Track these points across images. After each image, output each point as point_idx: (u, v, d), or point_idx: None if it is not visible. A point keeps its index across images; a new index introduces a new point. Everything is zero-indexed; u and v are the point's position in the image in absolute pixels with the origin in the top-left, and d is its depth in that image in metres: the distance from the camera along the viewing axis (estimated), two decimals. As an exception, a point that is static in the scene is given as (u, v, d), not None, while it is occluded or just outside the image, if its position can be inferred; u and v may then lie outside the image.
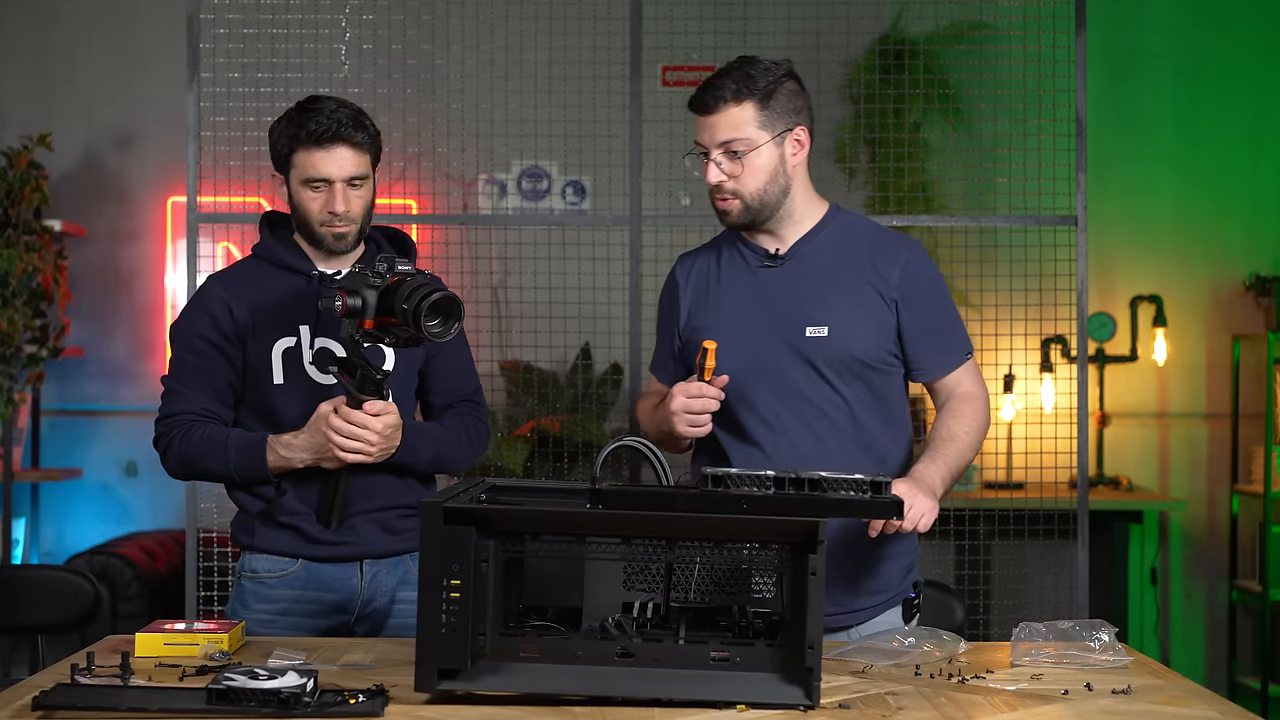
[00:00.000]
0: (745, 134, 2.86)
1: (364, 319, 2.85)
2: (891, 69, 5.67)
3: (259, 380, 3.04)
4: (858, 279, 2.93)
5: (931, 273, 2.99)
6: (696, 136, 2.92)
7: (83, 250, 6.27)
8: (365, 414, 2.90)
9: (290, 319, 3.04)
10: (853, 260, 2.94)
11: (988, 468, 5.89)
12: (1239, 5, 6.37)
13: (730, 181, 2.89)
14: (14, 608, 3.69)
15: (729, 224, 2.95)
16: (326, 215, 3.00)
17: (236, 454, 2.99)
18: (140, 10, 6.33)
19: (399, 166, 5.61)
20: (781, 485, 2.29)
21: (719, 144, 2.87)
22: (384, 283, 2.85)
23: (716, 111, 2.87)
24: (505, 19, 5.36)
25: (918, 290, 2.95)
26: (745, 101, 2.86)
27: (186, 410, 3.03)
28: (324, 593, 3.07)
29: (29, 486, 6.11)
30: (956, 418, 2.95)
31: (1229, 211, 6.36)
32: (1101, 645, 2.58)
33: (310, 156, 2.98)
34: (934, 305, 2.97)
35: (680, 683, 2.25)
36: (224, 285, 3.09)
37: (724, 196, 2.90)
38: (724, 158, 2.88)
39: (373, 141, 3.04)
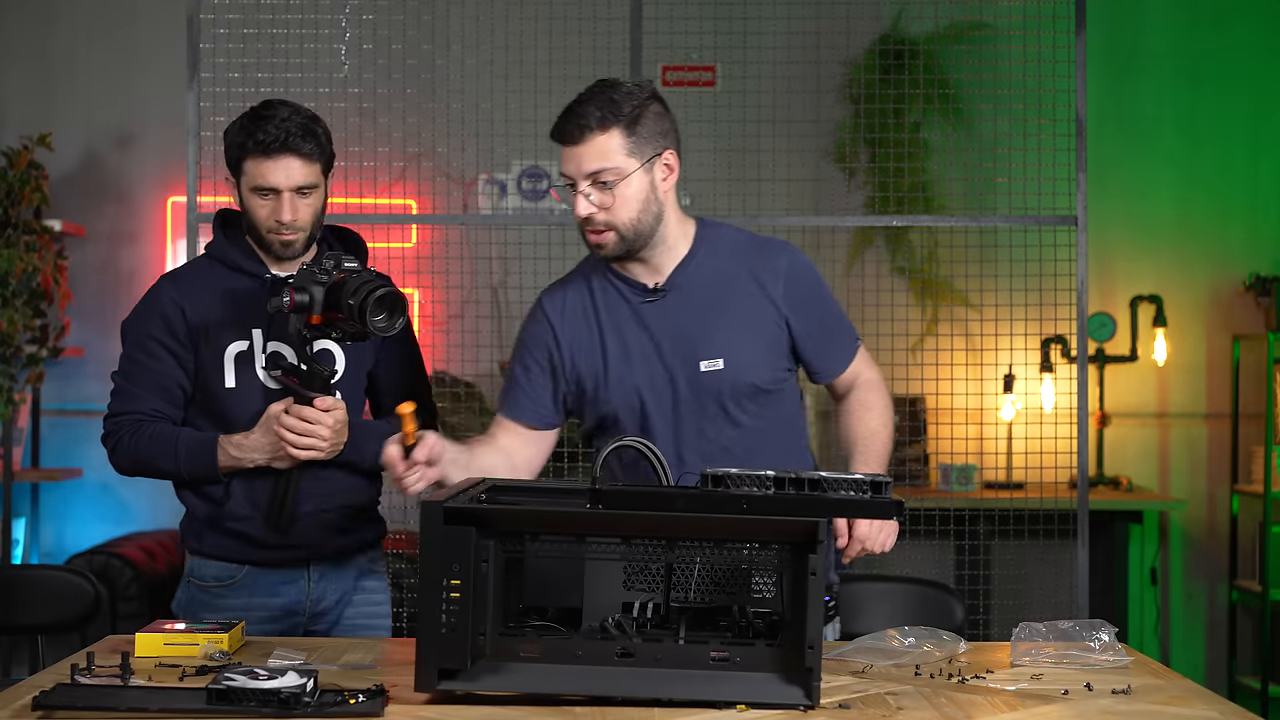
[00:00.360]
0: (614, 163, 2.75)
1: (311, 314, 2.90)
2: (891, 69, 5.67)
3: (210, 383, 3.05)
4: (743, 300, 2.85)
5: (813, 274, 2.94)
6: (562, 168, 2.80)
7: (83, 250, 6.27)
8: (317, 410, 2.93)
9: (243, 322, 3.05)
10: (734, 280, 2.86)
11: (988, 468, 5.89)
12: (1239, 5, 6.36)
13: (602, 213, 2.77)
14: (14, 608, 3.69)
15: (603, 256, 2.83)
16: (274, 223, 3.01)
17: (187, 453, 3.01)
18: (140, 10, 6.33)
19: (399, 166, 5.60)
20: (781, 485, 2.29)
21: (587, 174, 2.75)
22: (330, 279, 2.90)
23: (582, 141, 2.75)
24: (505, 19, 5.36)
25: (804, 297, 2.89)
26: (611, 129, 2.75)
27: (136, 410, 3.05)
28: (270, 598, 3.08)
29: (29, 486, 6.11)
30: (869, 409, 2.96)
31: (1229, 211, 6.36)
32: (1101, 645, 2.58)
33: (259, 166, 2.99)
34: (821, 307, 2.93)
35: (680, 683, 2.25)
36: (177, 286, 3.09)
37: (597, 229, 2.78)
38: (593, 189, 2.76)
39: (323, 150, 3.05)
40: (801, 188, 5.79)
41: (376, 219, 5.46)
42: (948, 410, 5.43)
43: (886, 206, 5.55)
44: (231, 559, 3.07)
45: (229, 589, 3.08)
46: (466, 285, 5.79)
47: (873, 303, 5.24)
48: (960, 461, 5.72)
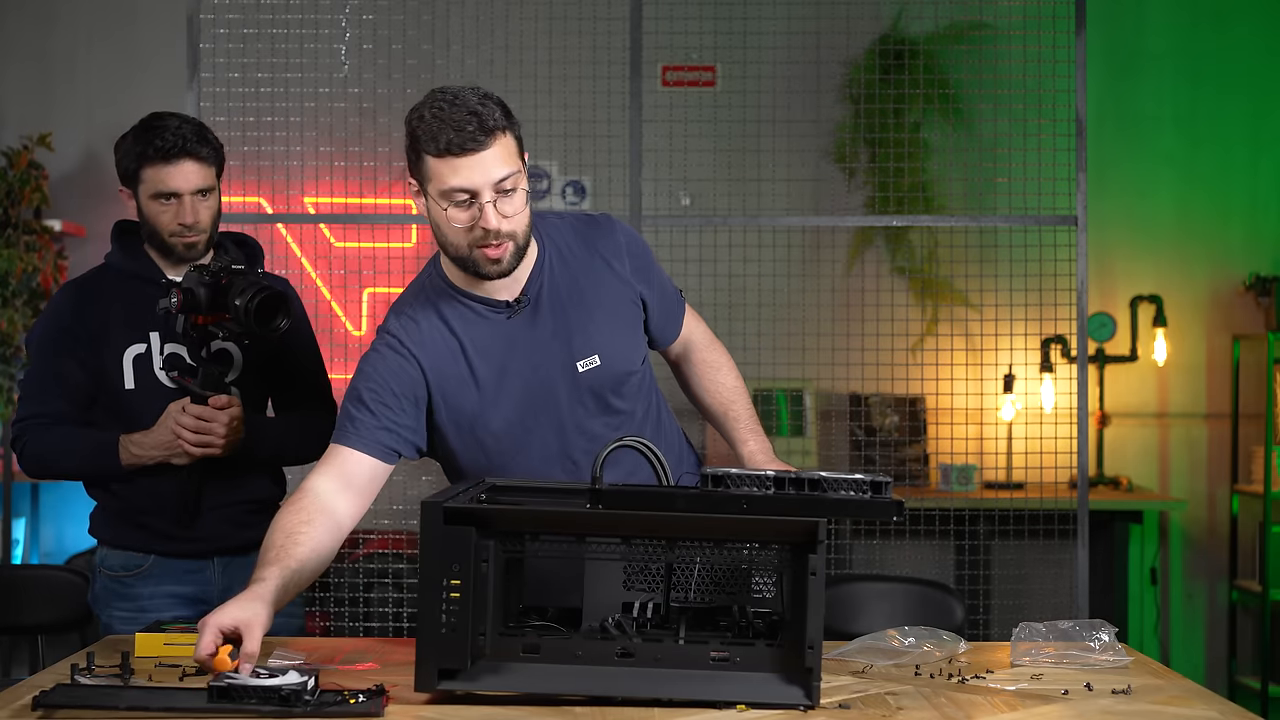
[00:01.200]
0: (515, 166, 2.57)
1: (198, 314, 3.03)
2: (891, 69, 5.67)
3: (111, 385, 3.16)
4: (600, 288, 2.76)
5: (641, 240, 2.86)
6: (458, 180, 2.54)
7: (83, 250, 6.27)
8: (210, 410, 3.05)
9: (140, 325, 3.16)
10: (586, 270, 2.76)
11: (988, 468, 5.89)
12: (1239, 5, 6.36)
13: (506, 223, 2.58)
14: (14, 608, 3.69)
15: (497, 273, 2.63)
16: (177, 227, 3.13)
17: (89, 453, 3.13)
18: (140, 10, 6.33)
19: (399, 166, 5.60)
20: (781, 485, 2.28)
21: (494, 182, 2.55)
22: (216, 280, 3.03)
23: (489, 147, 2.54)
24: (505, 19, 5.36)
25: (645, 266, 2.82)
26: (506, 132, 2.57)
27: (41, 412, 3.16)
28: (179, 585, 3.18)
29: (29, 486, 6.11)
30: (717, 369, 2.98)
31: (1229, 211, 6.36)
32: (1101, 645, 2.58)
33: (159, 172, 3.10)
34: (658, 272, 2.87)
35: (680, 683, 2.25)
36: (77, 293, 3.21)
37: (499, 242, 2.59)
38: (498, 198, 2.56)
39: (217, 154, 3.18)
40: (801, 188, 5.80)
41: (376, 219, 5.46)
42: (948, 410, 5.43)
43: (886, 206, 5.55)
44: (138, 549, 3.19)
45: (137, 578, 3.18)
46: (466, 285, 5.78)
47: (873, 303, 5.25)
48: (960, 461, 5.72)
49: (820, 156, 5.97)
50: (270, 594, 2.42)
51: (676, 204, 5.66)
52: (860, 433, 5.76)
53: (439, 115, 2.57)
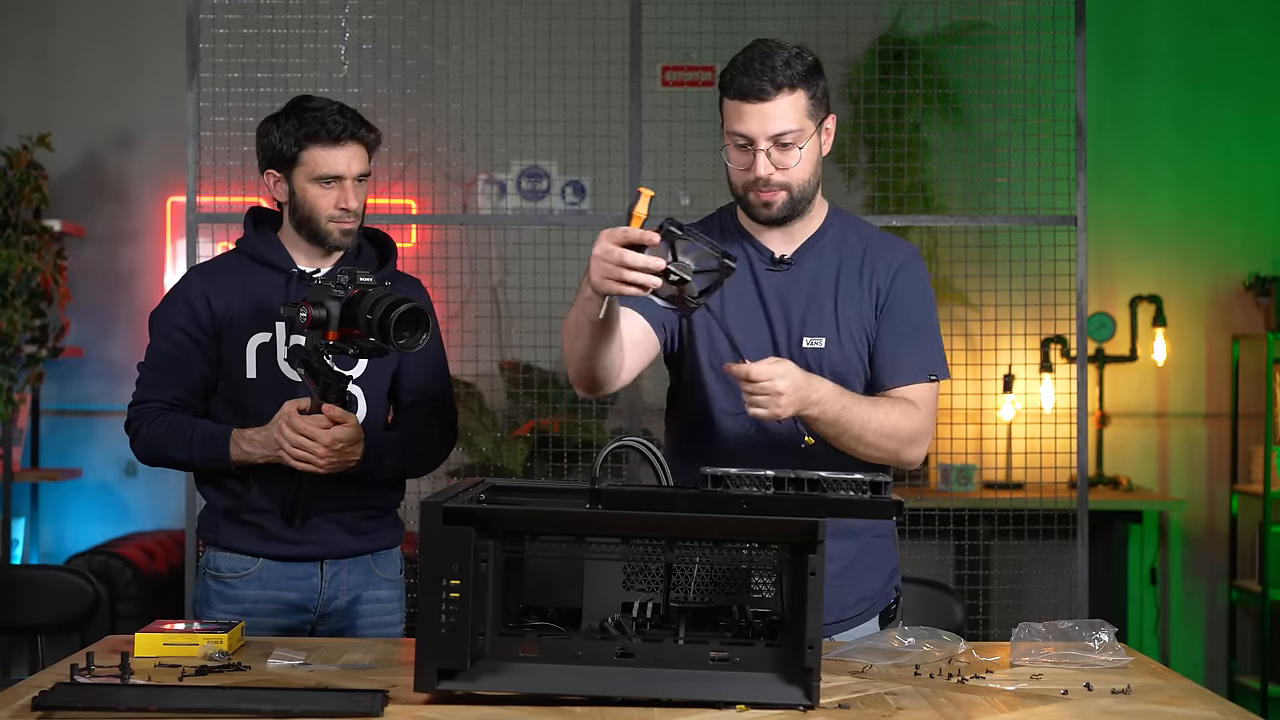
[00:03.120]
0: (799, 124, 2.70)
1: (328, 330, 2.91)
2: (891, 69, 5.67)
3: (232, 374, 3.09)
4: (855, 288, 2.83)
5: (919, 283, 2.85)
6: (738, 126, 2.71)
7: (82, 250, 6.27)
8: (314, 427, 2.93)
9: (266, 315, 3.09)
10: (852, 267, 2.83)
11: (988, 468, 5.89)
12: (1239, 5, 6.37)
13: (779, 174, 2.73)
14: (14, 608, 3.69)
15: (768, 217, 2.77)
16: (336, 211, 3.06)
17: (201, 444, 3.04)
18: (140, 10, 6.33)
19: (399, 166, 5.61)
20: (781, 485, 2.28)
21: (771, 135, 2.70)
22: (347, 294, 2.92)
23: (771, 100, 2.68)
24: (505, 19, 5.36)
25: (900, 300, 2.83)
26: (798, 89, 2.70)
27: (157, 397, 3.09)
28: (284, 592, 3.10)
29: (29, 486, 6.11)
30: (891, 403, 2.76)
31: (1229, 211, 6.36)
32: (1101, 645, 2.58)
33: (325, 154, 3.04)
34: (912, 315, 2.83)
35: (680, 683, 2.25)
36: (204, 278, 3.14)
37: (771, 189, 2.73)
38: (774, 149, 2.71)
39: (378, 140, 3.13)
40: (801, 188, 5.78)
41: (376, 219, 5.45)
42: (947, 410, 5.43)
43: (886, 206, 5.55)
44: (246, 551, 3.11)
45: (243, 580, 3.11)
46: (466, 285, 5.79)
47: (872, 303, 5.24)
48: (960, 461, 5.72)
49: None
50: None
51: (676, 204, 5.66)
52: (860, 433, 5.75)
53: (746, 58, 2.71)
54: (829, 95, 2.79)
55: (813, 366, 2.76)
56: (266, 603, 3.08)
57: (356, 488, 3.10)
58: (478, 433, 5.71)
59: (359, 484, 3.10)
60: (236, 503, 3.09)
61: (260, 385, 3.08)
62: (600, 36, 5.14)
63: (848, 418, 2.66)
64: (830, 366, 2.79)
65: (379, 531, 3.17)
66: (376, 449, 3.06)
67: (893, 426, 2.72)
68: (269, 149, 3.10)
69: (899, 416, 2.74)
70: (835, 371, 2.78)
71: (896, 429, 2.73)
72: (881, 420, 2.71)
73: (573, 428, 5.57)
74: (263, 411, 3.04)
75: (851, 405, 2.67)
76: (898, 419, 2.73)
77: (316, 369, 2.95)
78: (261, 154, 3.13)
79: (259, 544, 3.10)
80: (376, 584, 3.18)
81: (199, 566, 3.20)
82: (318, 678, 2.42)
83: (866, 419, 2.68)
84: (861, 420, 2.67)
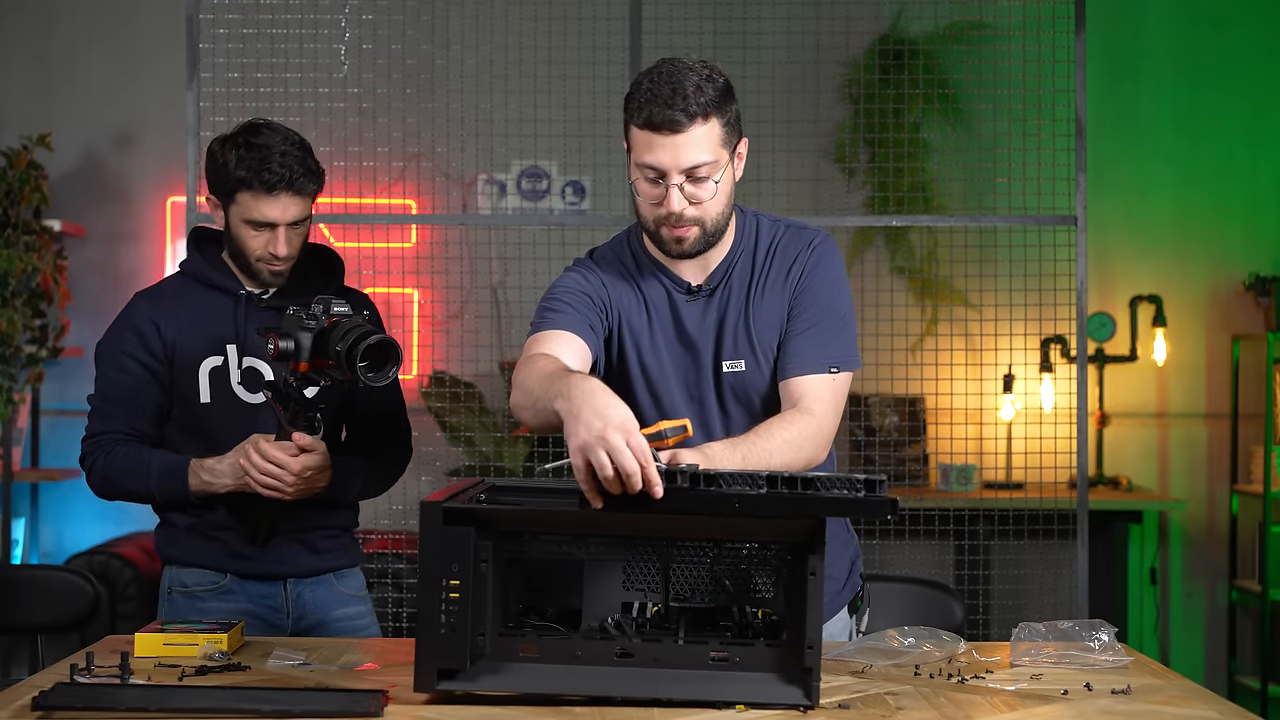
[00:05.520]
0: (714, 155, 2.56)
1: (298, 361, 2.85)
2: (891, 69, 5.67)
3: (187, 399, 3.04)
4: (768, 299, 2.71)
5: (827, 269, 2.71)
6: (648, 158, 2.55)
7: (82, 250, 6.27)
8: (284, 455, 2.89)
9: (217, 338, 3.04)
10: (763, 278, 2.72)
11: (988, 468, 5.89)
12: (1239, 6, 6.37)
13: (693, 208, 2.58)
14: (14, 608, 3.69)
15: (680, 253, 2.64)
16: (266, 253, 3.00)
17: (159, 477, 3.00)
18: (140, 10, 6.33)
19: (399, 167, 5.61)
20: (774, 484, 2.25)
21: (684, 168, 2.55)
22: (319, 325, 2.85)
23: (684, 130, 2.53)
24: (505, 19, 5.36)
25: (805, 288, 2.70)
26: (712, 117, 2.55)
27: (111, 429, 3.04)
28: (254, 606, 3.08)
29: (29, 486, 6.11)
30: (780, 422, 2.59)
31: (1229, 211, 6.36)
32: (1101, 645, 2.58)
33: (258, 201, 2.95)
34: (818, 302, 2.69)
35: (679, 683, 2.25)
36: (151, 304, 3.08)
37: (684, 225, 2.59)
38: (688, 183, 2.56)
39: (319, 183, 3.02)
40: (801, 188, 5.79)
41: (376, 219, 5.46)
42: (947, 410, 5.43)
43: (886, 206, 5.55)
44: (213, 566, 3.08)
45: (214, 592, 3.08)
46: (466, 285, 5.79)
47: (872, 303, 5.25)
48: (960, 461, 5.72)
49: (820, 156, 5.97)
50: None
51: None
52: (860, 432, 5.76)
53: (654, 83, 2.55)
54: (741, 118, 2.64)
55: (735, 390, 2.70)
56: (239, 615, 3.03)
57: (318, 509, 3.08)
58: (478, 433, 5.71)
59: (322, 506, 3.08)
60: (200, 520, 3.06)
61: (215, 409, 3.04)
62: (600, 36, 5.14)
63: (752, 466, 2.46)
64: (753, 388, 2.70)
65: (338, 551, 3.15)
66: (343, 474, 3.03)
67: (794, 450, 2.55)
68: (211, 174, 3.02)
69: (795, 434, 2.56)
70: (758, 393, 2.70)
71: (799, 449, 2.56)
72: (782, 449, 2.52)
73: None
74: (220, 435, 3.01)
75: (750, 454, 2.47)
76: (794, 437, 2.56)
77: (285, 395, 2.91)
78: (206, 174, 3.06)
79: (224, 560, 3.07)
80: (344, 601, 3.16)
81: (161, 592, 3.13)
82: (318, 678, 2.43)
83: (768, 460, 2.49)
84: (765, 463, 2.48)
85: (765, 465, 2.47)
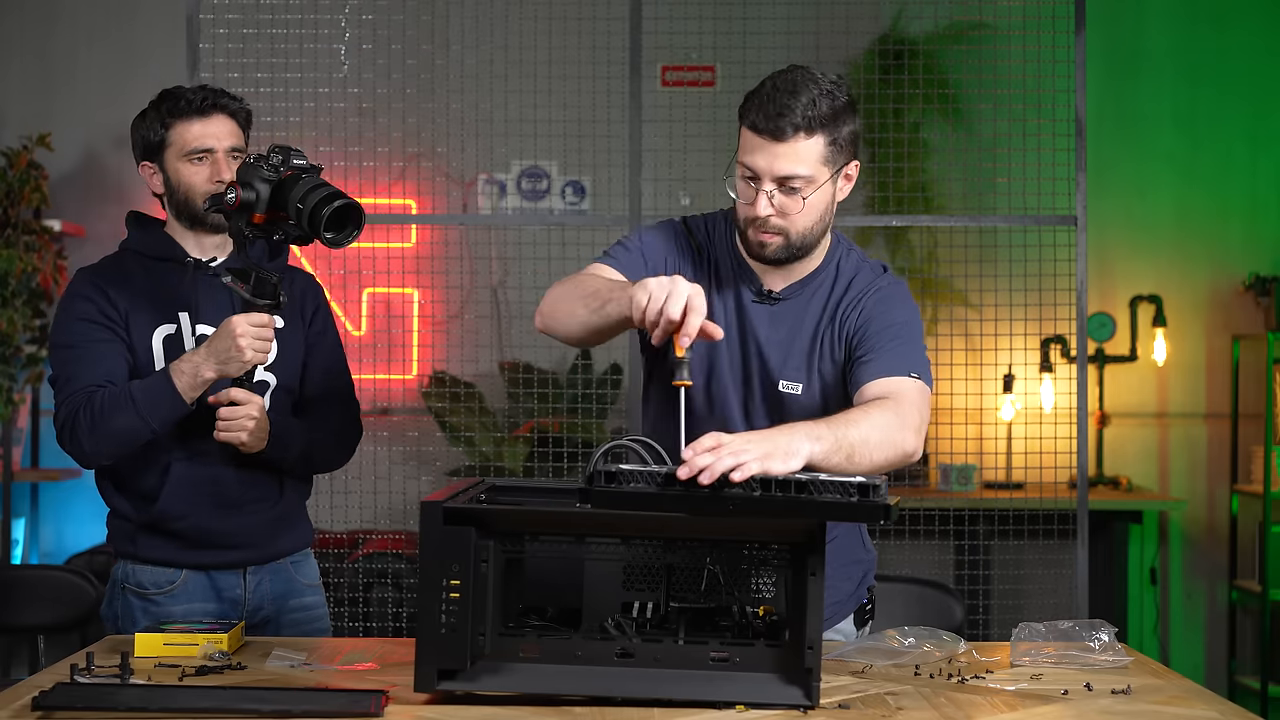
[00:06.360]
0: (811, 171, 2.55)
1: (255, 213, 2.82)
2: (891, 69, 5.67)
3: (140, 368, 2.96)
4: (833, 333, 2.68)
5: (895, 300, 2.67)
6: (746, 158, 2.57)
7: (82, 250, 6.27)
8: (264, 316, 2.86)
9: (168, 306, 3.00)
10: (834, 311, 2.69)
11: (988, 468, 5.89)
12: (1238, 5, 6.37)
13: (779, 218, 2.58)
14: (14, 608, 3.70)
15: (763, 257, 2.64)
16: (212, 185, 2.96)
17: (143, 396, 2.86)
18: (140, 10, 6.33)
19: (399, 166, 5.61)
20: (769, 487, 2.24)
21: (778, 176, 2.55)
22: (278, 176, 2.82)
23: (785, 141, 2.53)
24: (505, 19, 5.36)
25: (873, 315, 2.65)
26: (817, 133, 2.54)
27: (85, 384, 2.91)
28: (210, 603, 3.02)
29: (29, 486, 6.11)
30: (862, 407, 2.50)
31: (1229, 211, 6.36)
32: (1101, 645, 2.58)
33: (190, 128, 2.98)
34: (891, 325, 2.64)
35: (680, 683, 2.25)
36: (97, 274, 3.03)
37: (769, 231, 2.60)
38: (779, 191, 2.57)
39: (245, 112, 3.03)
40: (801, 188, 5.78)
41: (376, 219, 5.45)
42: (947, 410, 5.43)
43: (886, 206, 5.55)
44: (168, 563, 3.01)
45: (168, 595, 3.00)
46: (466, 285, 5.79)
47: (872, 303, 5.24)
48: (960, 461, 5.72)
49: (820, 156, 5.96)
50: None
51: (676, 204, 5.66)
52: (860, 433, 5.75)
53: (772, 87, 2.56)
54: (858, 139, 2.63)
55: (788, 410, 2.66)
56: (196, 616, 2.97)
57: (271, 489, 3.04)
58: (478, 433, 5.71)
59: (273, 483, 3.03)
60: (151, 509, 2.98)
61: None
62: (600, 36, 5.14)
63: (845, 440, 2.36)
64: (803, 414, 2.64)
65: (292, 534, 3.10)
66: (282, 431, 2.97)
67: (885, 426, 2.44)
68: (139, 142, 3.03)
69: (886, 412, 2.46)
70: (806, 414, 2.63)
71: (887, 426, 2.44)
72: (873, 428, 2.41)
73: (573, 428, 5.58)
74: None
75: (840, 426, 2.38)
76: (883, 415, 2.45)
77: (245, 269, 2.86)
78: (135, 150, 3.06)
79: (181, 554, 3.00)
80: (300, 591, 3.12)
81: (113, 581, 3.06)
82: (318, 678, 2.42)
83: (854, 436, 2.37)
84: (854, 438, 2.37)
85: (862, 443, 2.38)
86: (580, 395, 5.55)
